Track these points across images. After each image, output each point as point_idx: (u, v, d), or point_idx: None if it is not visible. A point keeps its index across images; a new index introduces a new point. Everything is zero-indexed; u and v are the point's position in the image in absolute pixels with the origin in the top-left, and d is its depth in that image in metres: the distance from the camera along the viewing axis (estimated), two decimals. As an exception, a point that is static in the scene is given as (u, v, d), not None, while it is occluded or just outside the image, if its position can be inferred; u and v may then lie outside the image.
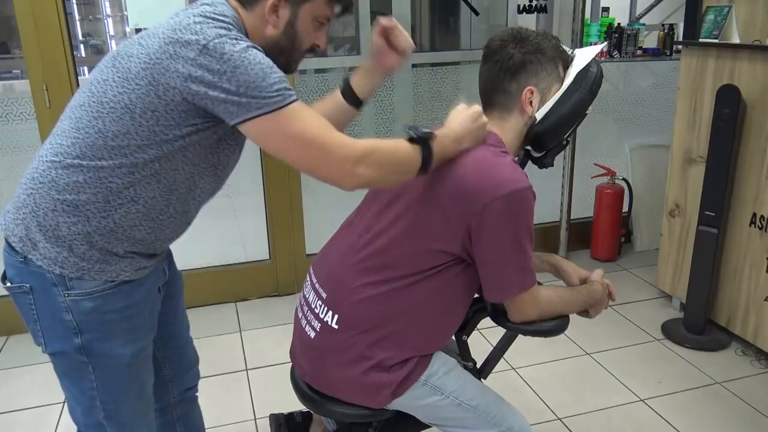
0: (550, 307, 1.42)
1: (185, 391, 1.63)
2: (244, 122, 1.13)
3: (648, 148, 3.75)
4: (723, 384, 2.45)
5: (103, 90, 1.16)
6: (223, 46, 1.10)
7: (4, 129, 2.75)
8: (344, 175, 1.17)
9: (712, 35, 2.58)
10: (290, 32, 1.27)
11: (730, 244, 2.65)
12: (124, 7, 5.98)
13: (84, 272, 1.20)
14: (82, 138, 1.16)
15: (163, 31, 1.14)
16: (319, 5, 1.27)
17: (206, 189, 1.31)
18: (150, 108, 1.13)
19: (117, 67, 1.16)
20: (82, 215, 1.18)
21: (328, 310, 1.39)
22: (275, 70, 1.14)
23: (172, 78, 1.11)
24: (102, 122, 1.15)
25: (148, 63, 1.12)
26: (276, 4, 1.24)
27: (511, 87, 1.40)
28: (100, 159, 1.16)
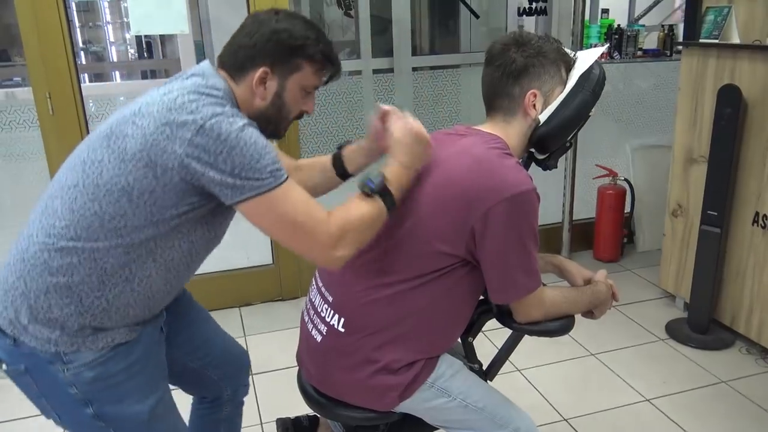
0: (555, 308, 1.42)
1: (238, 389, 1.64)
2: (237, 203, 1.15)
3: (649, 149, 3.76)
4: (728, 383, 2.45)
5: (99, 171, 1.14)
6: (219, 126, 1.11)
7: (7, 137, 2.76)
8: (326, 260, 1.23)
9: (712, 35, 2.59)
10: (278, 103, 1.29)
11: (733, 244, 2.66)
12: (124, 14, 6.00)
13: (78, 345, 1.19)
14: (77, 220, 1.15)
15: (158, 110, 1.13)
16: (307, 75, 1.28)
17: (202, 257, 1.32)
18: (148, 189, 1.13)
19: (112, 147, 1.14)
20: (75, 296, 1.17)
21: (335, 313, 1.40)
22: (268, 150, 1.15)
23: (169, 159, 1.11)
24: (99, 205, 1.14)
25: (144, 144, 1.12)
26: (263, 77, 1.25)
27: (514, 90, 1.40)
28: (95, 240, 1.15)
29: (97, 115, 2.82)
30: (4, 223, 2.89)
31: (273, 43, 1.24)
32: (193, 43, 3.07)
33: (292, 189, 1.18)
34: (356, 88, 3.28)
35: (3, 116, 2.73)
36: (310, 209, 1.19)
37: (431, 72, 3.47)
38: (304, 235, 1.19)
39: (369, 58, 3.34)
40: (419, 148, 1.32)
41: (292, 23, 1.26)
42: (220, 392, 1.62)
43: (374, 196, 1.25)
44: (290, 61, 1.25)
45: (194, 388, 1.63)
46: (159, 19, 2.72)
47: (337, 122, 3.25)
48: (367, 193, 1.25)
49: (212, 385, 1.60)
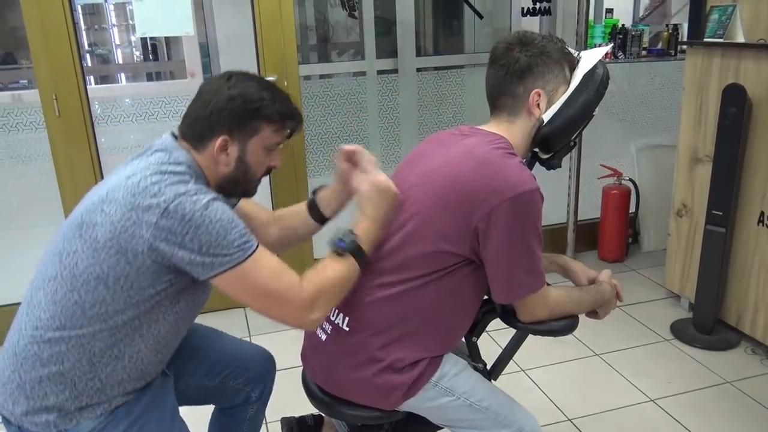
0: (560, 308, 1.43)
1: (264, 390, 1.66)
2: (209, 278, 1.18)
3: (654, 149, 3.75)
4: (733, 383, 2.45)
5: (74, 262, 1.17)
6: (183, 207, 1.13)
7: (14, 138, 2.77)
8: (302, 324, 1.27)
9: (717, 35, 2.59)
10: (242, 167, 1.30)
11: (738, 243, 2.65)
12: (129, 17, 6.02)
13: (77, 419, 1.22)
14: (60, 310, 1.18)
15: (123, 195, 1.16)
16: (267, 136, 1.29)
17: (190, 322, 1.35)
18: (122, 275, 1.16)
19: (84, 237, 1.17)
20: (69, 382, 1.20)
21: (339, 312, 1.40)
22: (234, 224, 1.18)
23: (138, 244, 1.14)
24: (78, 294, 1.17)
25: (113, 232, 1.15)
26: (224, 144, 1.26)
27: (518, 90, 1.41)
28: (80, 327, 1.18)
29: (102, 116, 2.83)
30: (11, 225, 2.91)
31: (228, 111, 1.25)
32: (198, 45, 3.08)
33: (262, 258, 1.21)
34: (360, 89, 3.29)
35: (10, 118, 2.75)
36: (281, 277, 1.22)
37: (435, 73, 3.47)
38: (277, 303, 1.23)
39: (373, 59, 3.35)
40: (386, 201, 1.35)
41: (245, 87, 1.27)
42: (247, 396, 1.64)
43: (346, 255, 1.28)
44: (248, 125, 1.27)
45: (221, 400, 1.65)
46: (164, 21, 2.73)
47: (341, 123, 3.26)
48: (339, 253, 1.28)
49: (238, 392, 1.62)
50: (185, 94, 2.98)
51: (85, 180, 2.76)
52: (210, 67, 3.17)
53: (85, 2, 5.89)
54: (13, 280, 2.89)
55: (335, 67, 3.59)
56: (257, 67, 2.87)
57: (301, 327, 1.29)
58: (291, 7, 2.83)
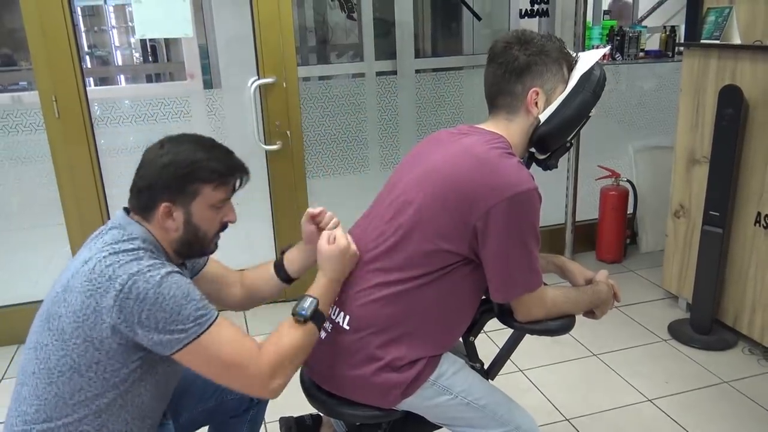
0: (556, 307, 1.44)
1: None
2: (171, 355, 1.19)
3: (652, 150, 3.77)
4: (730, 383, 2.46)
5: (47, 356, 1.21)
6: (137, 287, 1.15)
7: (14, 140, 2.78)
8: (264, 392, 1.27)
9: (714, 36, 2.60)
10: (191, 228, 1.31)
11: (736, 244, 2.66)
12: (129, 19, 6.03)
13: None
14: (43, 404, 1.21)
15: (81, 283, 1.18)
16: (209, 195, 1.30)
17: (173, 385, 1.38)
18: (93, 362, 1.19)
19: (51, 329, 1.21)
20: None
21: (339, 311, 1.41)
22: (190, 297, 1.19)
23: (102, 330, 1.17)
24: (56, 386, 1.20)
25: (77, 321, 1.17)
26: (167, 211, 1.27)
27: (517, 88, 1.42)
28: (66, 416, 1.21)
29: (102, 118, 2.84)
30: (10, 225, 2.91)
31: (164, 179, 1.26)
32: (198, 46, 3.08)
33: (220, 330, 1.22)
34: (359, 91, 3.30)
35: (9, 119, 2.75)
36: (240, 348, 1.23)
37: (434, 74, 3.48)
38: (238, 374, 1.24)
39: (372, 60, 3.36)
40: (347, 261, 1.38)
41: (176, 152, 1.28)
42: (249, 401, 1.65)
43: (307, 322, 1.30)
44: (186, 189, 1.27)
45: (225, 414, 1.66)
46: (163, 23, 2.74)
47: (340, 125, 3.27)
48: (299, 321, 1.30)
49: (239, 402, 1.63)
50: (184, 96, 2.99)
51: (85, 181, 2.77)
52: (209, 68, 3.18)
53: (84, 4, 5.90)
54: (13, 281, 2.91)
55: (334, 69, 3.60)
56: (256, 68, 2.88)
57: (263, 396, 1.30)
58: (290, 8, 2.84)
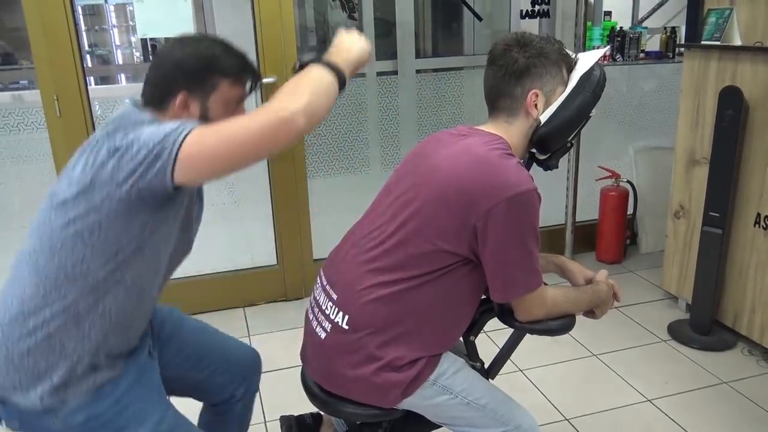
0: (556, 307, 1.44)
1: (249, 388, 1.67)
2: (174, 168, 1.11)
3: (652, 151, 3.77)
4: (729, 384, 2.46)
5: (50, 230, 1.19)
6: (127, 137, 1.15)
7: (15, 139, 2.79)
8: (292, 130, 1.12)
9: (714, 37, 2.60)
10: (205, 123, 1.28)
11: (735, 245, 2.67)
12: (130, 18, 6.03)
13: (63, 397, 1.22)
14: (43, 279, 1.19)
15: (78, 156, 1.20)
16: (226, 90, 1.29)
17: (176, 258, 1.35)
18: (96, 226, 1.16)
19: (53, 204, 1.20)
20: (57, 344, 1.20)
21: (339, 310, 1.41)
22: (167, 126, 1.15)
23: (102, 187, 1.14)
24: (59, 258, 1.18)
25: (78, 187, 1.16)
26: (184, 101, 1.27)
27: (516, 91, 1.42)
28: (64, 290, 1.19)
29: (103, 117, 2.84)
30: (12, 224, 2.92)
31: (183, 68, 1.26)
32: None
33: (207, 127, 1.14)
34: (360, 90, 3.31)
35: (11, 118, 2.76)
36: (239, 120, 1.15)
37: (434, 74, 3.49)
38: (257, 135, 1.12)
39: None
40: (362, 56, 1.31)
41: (196, 45, 1.29)
42: (232, 393, 1.64)
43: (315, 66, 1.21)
44: (204, 81, 1.27)
45: (206, 395, 1.65)
46: (164, 22, 2.75)
47: (341, 124, 3.27)
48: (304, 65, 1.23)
49: (222, 389, 1.63)
50: (185, 95, 2.99)
51: (86, 180, 2.77)
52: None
53: (85, 3, 5.91)
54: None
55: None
56: (257, 68, 2.88)
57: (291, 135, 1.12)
58: (291, 7, 2.84)
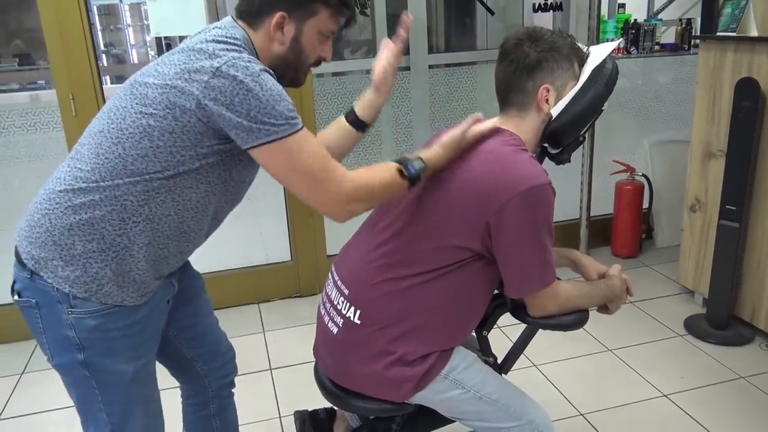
0: (570, 302, 1.43)
1: (222, 386, 1.67)
2: (253, 148, 1.18)
3: (667, 144, 3.73)
4: (747, 379, 2.44)
5: (122, 116, 1.19)
6: (236, 69, 1.14)
7: (32, 138, 2.82)
8: (336, 212, 1.26)
9: (730, 29, 2.57)
10: (296, 48, 1.32)
11: (753, 238, 2.64)
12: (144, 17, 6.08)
13: (91, 294, 1.23)
14: (102, 163, 1.20)
15: (179, 58, 1.19)
16: (323, 20, 1.31)
17: (222, 206, 1.35)
18: (167, 130, 1.17)
19: (135, 94, 1.20)
20: (98, 233, 1.21)
21: (351, 306, 1.42)
22: (285, 97, 1.18)
23: (187, 100, 1.15)
24: (122, 147, 1.19)
25: (164, 88, 1.17)
26: (281, 21, 1.28)
27: (528, 85, 1.42)
28: (119, 178, 1.19)
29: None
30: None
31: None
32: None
33: (309, 139, 1.21)
34: (372, 87, 3.30)
35: (28, 118, 2.80)
36: (325, 162, 1.22)
37: (447, 69, 3.47)
38: (315, 185, 1.22)
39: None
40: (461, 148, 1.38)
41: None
42: (204, 388, 1.64)
43: (405, 179, 1.29)
44: (306, 5, 1.28)
45: (180, 373, 1.64)
46: (178, 20, 2.77)
47: (353, 120, 3.27)
48: (401, 172, 1.29)
49: (197, 379, 1.62)
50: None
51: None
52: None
53: (100, 3, 5.96)
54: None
55: (348, 65, 3.60)
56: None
57: (336, 218, 1.26)
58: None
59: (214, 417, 1.68)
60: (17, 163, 2.86)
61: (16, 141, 2.82)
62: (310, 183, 1.22)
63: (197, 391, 1.64)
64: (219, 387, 1.66)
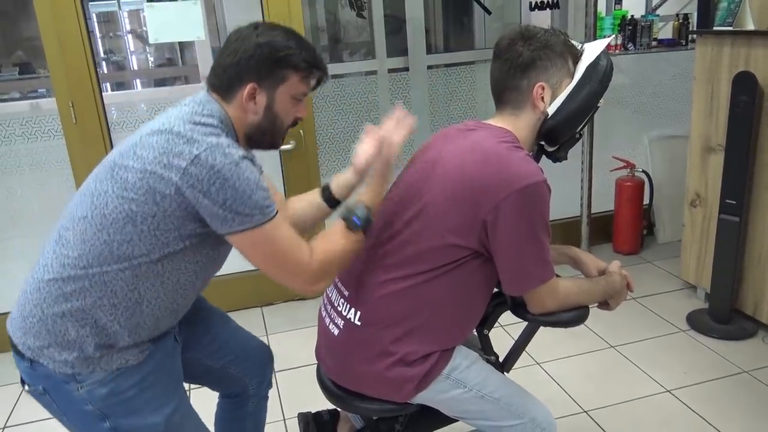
0: (569, 299, 1.44)
1: (261, 383, 1.69)
2: (226, 234, 1.21)
3: (667, 139, 3.73)
4: (750, 373, 2.43)
5: (105, 202, 1.20)
6: (214, 158, 1.16)
7: (33, 146, 2.84)
8: (306, 292, 1.31)
9: (726, 23, 2.57)
10: (270, 115, 1.33)
11: (754, 232, 2.64)
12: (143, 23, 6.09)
13: (93, 366, 1.24)
14: (88, 250, 1.21)
15: (157, 141, 1.19)
16: (294, 84, 1.32)
17: (210, 275, 1.38)
18: (150, 214, 1.19)
19: (115, 178, 1.21)
20: (90, 318, 1.22)
21: (351, 307, 1.43)
22: (260, 186, 1.20)
23: (166, 186, 1.17)
24: (107, 233, 1.20)
25: (144, 173, 1.18)
26: (252, 92, 1.29)
27: (522, 84, 1.42)
28: (107, 265, 1.21)
29: (118, 122, 2.88)
30: (32, 231, 2.97)
31: (256, 59, 1.27)
32: (211, 49, 3.12)
33: (280, 226, 1.24)
34: (371, 88, 3.32)
35: (28, 126, 2.81)
36: (294, 247, 1.26)
37: (446, 69, 3.48)
38: (287, 271, 1.27)
39: (384, 57, 3.37)
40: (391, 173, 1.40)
41: (272, 35, 1.30)
42: (245, 387, 1.66)
43: (358, 230, 1.33)
44: (276, 73, 1.29)
45: (218, 385, 1.68)
46: (176, 26, 2.78)
47: (353, 122, 3.28)
48: (351, 228, 1.32)
49: (235, 382, 1.65)
50: (198, 98, 3.02)
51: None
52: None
53: (99, 10, 5.98)
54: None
55: (346, 67, 3.61)
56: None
57: (305, 294, 1.33)
58: (300, 8, 2.86)
59: (249, 417, 1.70)
60: (19, 171, 2.87)
61: (17, 149, 2.83)
62: (280, 269, 1.27)
63: (237, 392, 1.66)
64: (258, 384, 1.68)
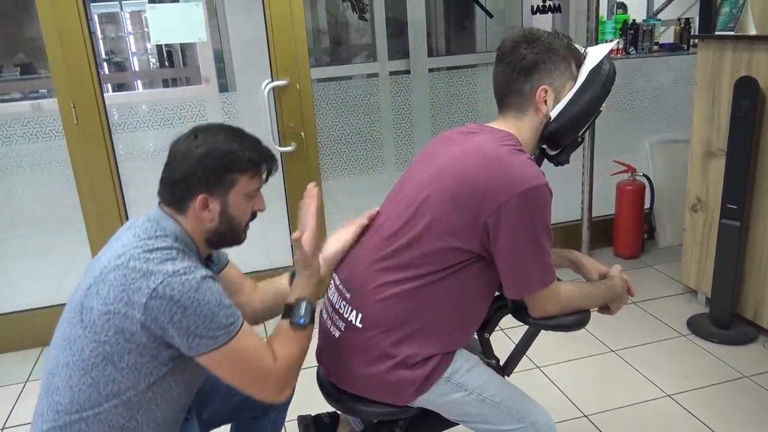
0: (570, 303, 1.44)
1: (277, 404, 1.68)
2: (195, 357, 1.22)
3: (668, 144, 3.74)
4: (751, 377, 2.43)
5: (81, 348, 1.22)
6: (172, 289, 1.17)
7: (34, 147, 2.84)
8: (277, 399, 1.32)
9: (728, 28, 2.58)
10: (226, 219, 1.32)
11: (755, 237, 2.63)
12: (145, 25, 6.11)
13: None
14: (77, 394, 1.23)
15: (115, 277, 1.20)
16: (244, 185, 1.32)
17: (202, 377, 1.40)
18: (125, 351, 1.20)
19: (84, 322, 1.22)
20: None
21: (352, 309, 1.43)
22: (222, 305, 1.21)
23: (132, 324, 1.18)
24: (90, 377, 1.22)
25: (108, 314, 1.19)
26: (204, 202, 1.29)
27: (525, 87, 1.42)
28: (99, 406, 1.23)
29: (120, 123, 2.88)
30: (32, 231, 2.97)
31: (201, 170, 1.27)
32: (213, 50, 3.12)
33: (244, 339, 1.24)
34: (373, 91, 3.32)
35: (30, 127, 2.81)
36: (261, 359, 1.26)
37: (447, 72, 3.49)
38: (256, 379, 1.28)
39: (385, 60, 3.37)
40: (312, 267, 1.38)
41: (211, 142, 1.29)
42: (265, 408, 1.66)
43: (307, 327, 1.33)
44: (224, 179, 1.29)
45: (247, 413, 1.67)
46: (178, 28, 2.78)
47: (354, 125, 3.29)
48: (300, 328, 1.32)
49: (253, 406, 1.63)
50: (200, 100, 3.03)
51: (104, 186, 2.82)
52: (224, 72, 3.22)
53: (101, 11, 5.99)
54: (36, 285, 2.97)
55: (348, 70, 3.62)
56: (270, 70, 2.91)
57: (274, 401, 1.33)
58: (302, 10, 2.86)
59: (270, 423, 1.70)
60: (19, 171, 2.87)
61: (19, 150, 2.83)
62: (248, 379, 1.28)
63: (258, 414, 1.66)
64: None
